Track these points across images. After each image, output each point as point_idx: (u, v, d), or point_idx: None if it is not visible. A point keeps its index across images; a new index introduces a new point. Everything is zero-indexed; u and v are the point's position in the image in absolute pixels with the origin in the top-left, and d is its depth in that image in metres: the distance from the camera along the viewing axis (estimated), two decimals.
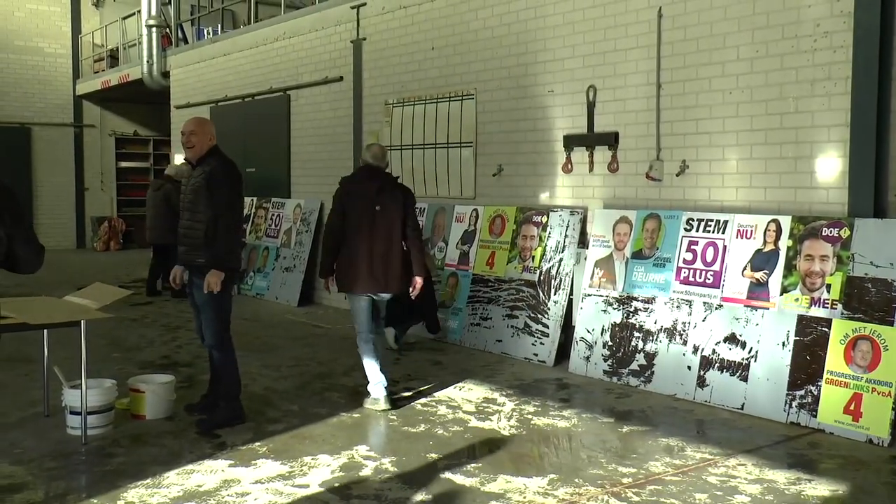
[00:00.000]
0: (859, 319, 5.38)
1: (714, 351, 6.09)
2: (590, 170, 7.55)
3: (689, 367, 6.19)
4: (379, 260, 5.87)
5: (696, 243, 6.44)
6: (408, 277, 6.01)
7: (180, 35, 15.80)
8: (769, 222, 6.03)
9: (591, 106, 7.49)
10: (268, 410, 5.85)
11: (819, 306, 5.60)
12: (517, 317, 7.69)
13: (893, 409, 5.09)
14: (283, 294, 10.95)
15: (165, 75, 15.54)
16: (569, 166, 7.73)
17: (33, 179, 18.81)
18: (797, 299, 5.73)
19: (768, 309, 5.87)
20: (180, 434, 5.29)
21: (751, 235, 6.12)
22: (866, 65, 5.65)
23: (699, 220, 6.49)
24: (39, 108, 18.99)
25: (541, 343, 7.41)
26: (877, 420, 5.14)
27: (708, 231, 6.40)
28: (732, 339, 6.01)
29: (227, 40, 13.44)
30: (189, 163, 5.56)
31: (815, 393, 5.44)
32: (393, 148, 9.75)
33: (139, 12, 16.09)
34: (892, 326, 5.21)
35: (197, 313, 5.61)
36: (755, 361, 5.82)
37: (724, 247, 6.25)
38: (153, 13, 15.51)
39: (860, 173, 5.70)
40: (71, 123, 19.39)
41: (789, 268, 5.83)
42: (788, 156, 6.14)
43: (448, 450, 5.00)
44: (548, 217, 7.76)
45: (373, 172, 6.07)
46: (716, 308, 6.18)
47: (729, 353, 5.99)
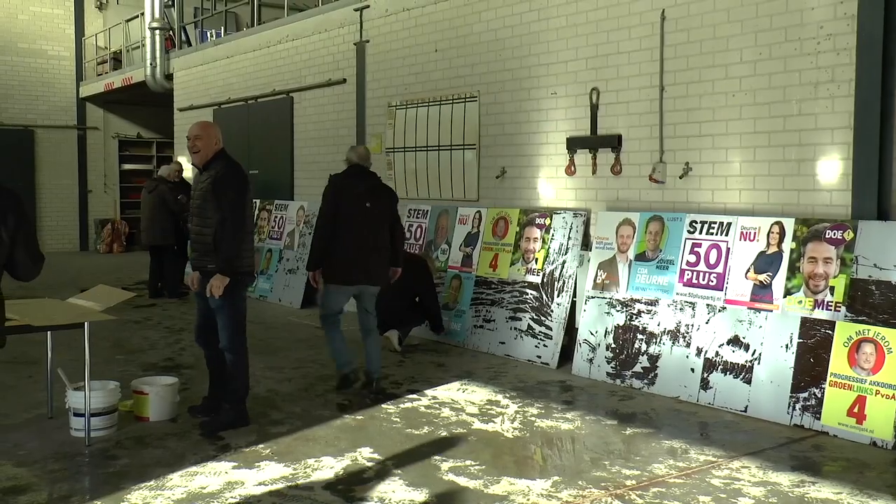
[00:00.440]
0: (863, 322, 5.37)
1: (717, 353, 6.08)
2: (593, 172, 7.55)
3: (693, 370, 6.18)
4: (370, 253, 6.27)
5: (700, 245, 6.44)
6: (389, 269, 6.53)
7: (183, 37, 15.82)
8: (772, 224, 6.02)
9: (595, 108, 7.49)
10: (271, 412, 5.85)
11: (823, 309, 5.59)
12: (520, 319, 7.69)
13: None
14: (287, 296, 10.96)
15: (169, 78, 15.57)
16: (572, 169, 7.73)
17: (37, 182, 18.83)
18: (801, 301, 5.72)
19: (772, 311, 5.86)
20: (184, 436, 5.29)
21: (754, 238, 6.12)
22: (870, 67, 5.64)
23: (702, 223, 6.49)
24: (43, 111, 19.02)
25: (544, 345, 7.41)
26: (881, 423, 5.13)
27: (711, 233, 6.40)
28: (736, 342, 6.00)
29: (231, 43, 13.46)
30: (196, 167, 5.54)
31: (819, 395, 5.44)
32: (396, 150, 9.76)
33: (142, 15, 16.14)
34: None
35: (200, 314, 5.61)
36: (758, 364, 5.82)
37: (728, 249, 6.25)
38: (156, 16, 15.56)
39: (864, 175, 5.70)
40: (74, 126, 19.42)
41: (793, 270, 5.83)
42: (792, 158, 6.14)
43: (451, 452, 4.99)
44: (551, 219, 7.76)
45: (362, 171, 6.48)
46: (719, 310, 6.17)
47: (732, 356, 5.99)
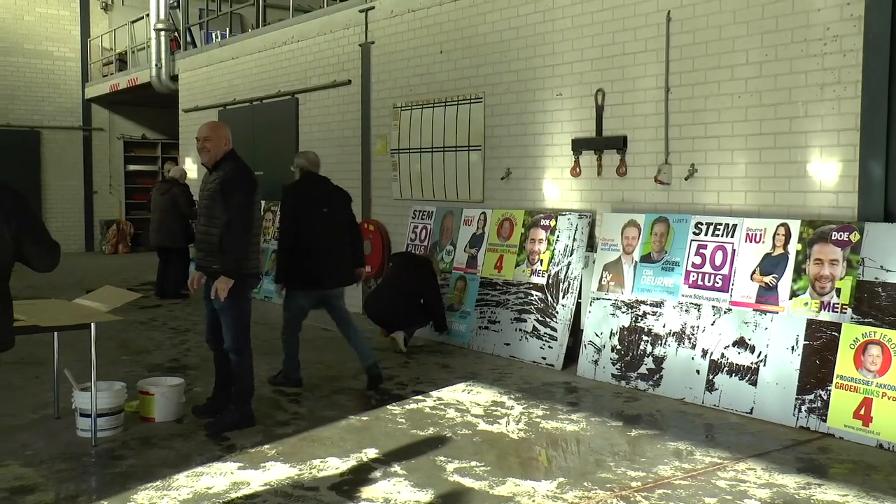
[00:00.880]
0: (869, 324, 5.36)
1: (723, 355, 6.07)
2: (598, 173, 7.55)
3: (698, 371, 6.18)
4: (336, 257, 6.41)
5: (705, 247, 6.44)
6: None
7: (189, 39, 15.84)
8: (778, 226, 6.02)
9: (600, 109, 7.49)
10: (276, 413, 5.86)
11: (828, 310, 5.58)
12: (525, 320, 7.69)
13: None
14: None
15: (174, 79, 15.60)
16: (577, 170, 7.73)
17: (42, 182, 18.89)
18: (806, 303, 5.71)
19: (777, 313, 5.85)
20: (190, 436, 5.31)
21: (760, 239, 6.11)
22: (876, 68, 5.63)
23: (708, 224, 6.48)
24: (49, 112, 19.07)
25: (549, 347, 7.41)
26: (887, 425, 5.11)
27: (717, 235, 6.39)
28: (741, 344, 5.99)
29: (236, 44, 13.48)
30: (206, 167, 5.55)
31: (825, 397, 5.43)
32: (401, 151, 9.77)
33: (148, 16, 16.15)
34: None
35: (209, 316, 5.62)
36: (764, 366, 5.81)
37: (733, 251, 6.24)
38: (162, 17, 15.57)
39: (870, 177, 5.69)
40: (80, 127, 19.47)
41: (798, 272, 5.82)
42: (797, 160, 6.13)
43: (456, 453, 5.00)
44: (556, 221, 7.76)
45: (316, 177, 6.61)
46: (724, 312, 6.16)
47: (738, 358, 5.98)
